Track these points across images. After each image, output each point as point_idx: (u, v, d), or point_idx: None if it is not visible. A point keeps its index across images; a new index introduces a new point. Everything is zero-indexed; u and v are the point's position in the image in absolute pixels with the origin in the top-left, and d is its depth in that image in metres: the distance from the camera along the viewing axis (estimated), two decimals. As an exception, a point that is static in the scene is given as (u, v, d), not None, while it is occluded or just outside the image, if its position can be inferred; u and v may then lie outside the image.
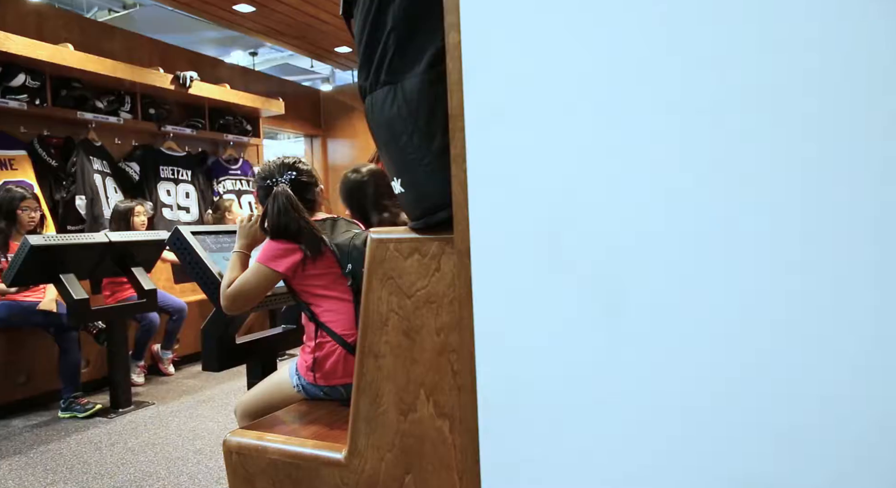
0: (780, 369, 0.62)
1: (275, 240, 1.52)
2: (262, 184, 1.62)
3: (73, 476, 2.27)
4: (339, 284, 1.54)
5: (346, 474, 1.09)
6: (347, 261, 1.52)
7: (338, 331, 1.50)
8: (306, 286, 1.55)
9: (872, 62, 0.57)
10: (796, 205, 0.60)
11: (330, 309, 1.53)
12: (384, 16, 0.93)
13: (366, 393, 1.06)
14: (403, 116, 0.92)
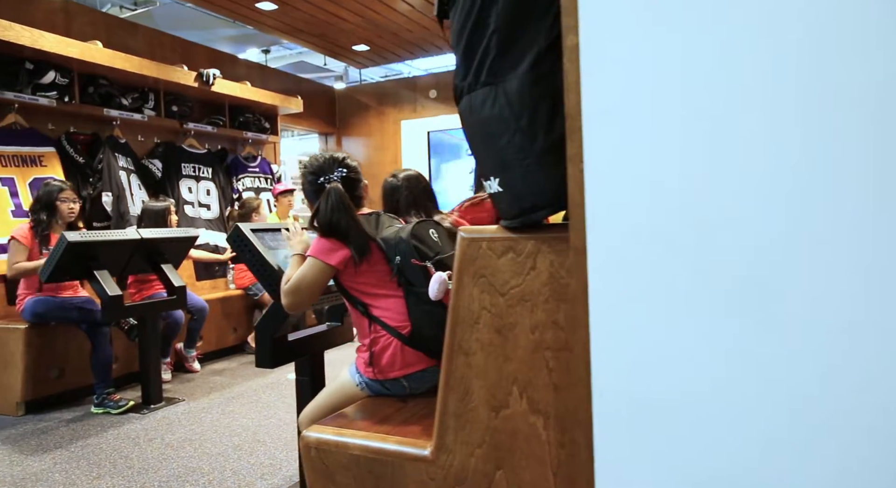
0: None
1: (324, 237, 1.54)
2: (312, 180, 1.63)
3: (118, 470, 2.29)
4: (388, 280, 1.55)
5: (432, 469, 1.10)
6: (395, 255, 1.52)
7: (391, 324, 1.51)
8: (357, 284, 1.57)
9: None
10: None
11: (382, 305, 1.55)
12: (486, 17, 0.94)
13: (454, 389, 1.07)
14: (505, 117, 0.94)
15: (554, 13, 0.91)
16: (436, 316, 1.45)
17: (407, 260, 1.49)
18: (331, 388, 1.60)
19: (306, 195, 1.66)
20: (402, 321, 1.51)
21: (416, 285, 1.49)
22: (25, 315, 3.01)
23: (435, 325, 1.45)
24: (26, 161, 3.50)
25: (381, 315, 1.52)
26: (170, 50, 4.75)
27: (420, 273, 1.48)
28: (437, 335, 1.46)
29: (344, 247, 1.51)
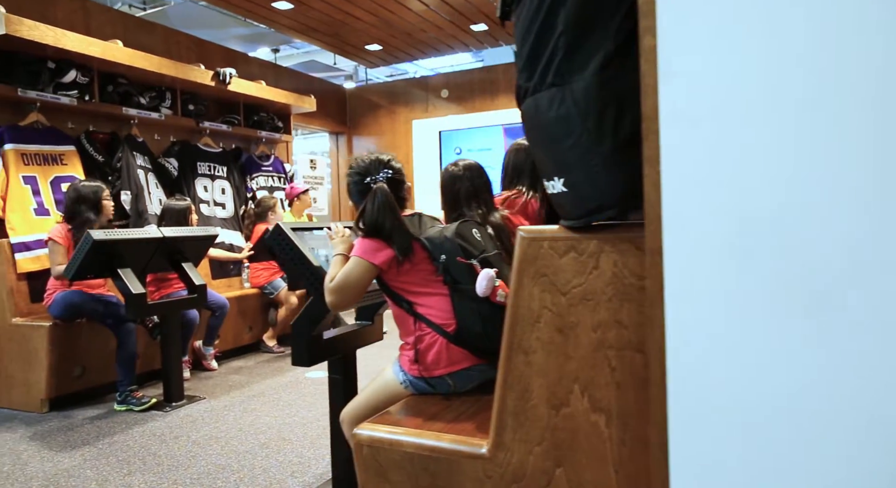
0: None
1: (368, 237, 1.55)
2: (358, 180, 1.64)
3: (148, 467, 2.30)
4: (433, 279, 1.57)
5: (490, 467, 1.11)
6: (441, 253, 1.54)
7: (436, 321, 1.53)
8: (401, 282, 1.58)
9: None
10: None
11: (427, 303, 1.56)
12: (553, 19, 0.95)
13: (513, 388, 1.08)
14: (571, 118, 0.94)
15: (621, 16, 0.92)
16: (482, 313, 1.47)
17: (452, 258, 1.50)
18: (374, 386, 1.61)
19: (351, 196, 1.67)
20: (448, 319, 1.52)
21: (461, 283, 1.51)
22: (54, 309, 3.03)
23: (481, 322, 1.47)
24: (48, 159, 3.51)
25: (426, 313, 1.54)
26: (185, 48, 4.77)
27: (466, 271, 1.50)
28: (483, 332, 1.48)
29: (387, 247, 1.52)
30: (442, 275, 1.53)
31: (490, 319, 1.47)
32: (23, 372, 3.09)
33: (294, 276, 1.68)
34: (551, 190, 1.03)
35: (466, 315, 1.49)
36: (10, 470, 2.31)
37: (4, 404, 3.15)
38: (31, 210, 3.36)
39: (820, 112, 0.72)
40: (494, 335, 1.47)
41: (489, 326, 1.46)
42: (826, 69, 0.72)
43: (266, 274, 4.46)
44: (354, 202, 1.66)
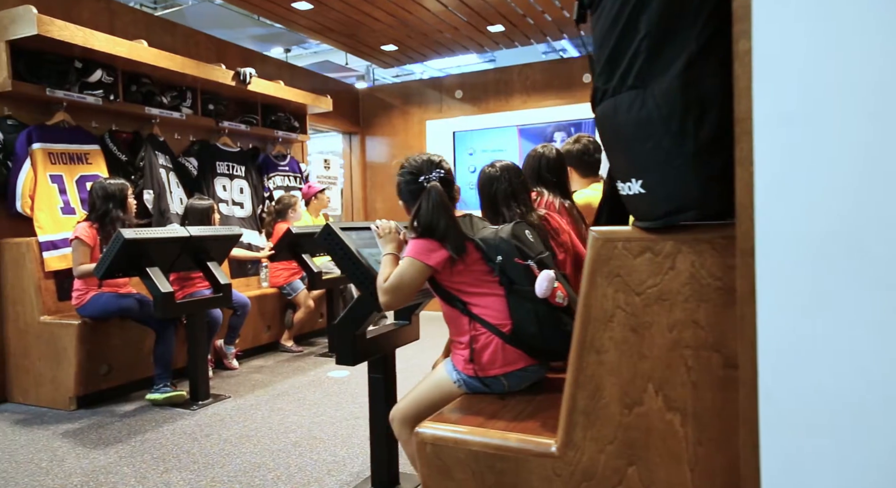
0: None
1: (422, 238, 1.56)
2: (410, 180, 1.65)
3: (183, 464, 2.31)
4: (488, 279, 1.57)
5: (559, 465, 1.12)
6: (497, 254, 1.54)
7: (492, 322, 1.53)
8: (454, 283, 1.59)
9: None
10: None
11: (481, 303, 1.56)
12: (636, 22, 0.96)
13: (584, 387, 1.09)
14: (653, 119, 0.96)
15: (703, 19, 0.93)
16: (538, 314, 1.48)
17: (509, 259, 1.51)
18: (427, 385, 1.61)
19: (402, 196, 1.68)
20: (503, 319, 1.53)
21: (518, 284, 1.51)
22: (89, 309, 3.06)
23: (537, 323, 1.48)
24: (73, 158, 3.53)
25: (481, 313, 1.54)
26: (204, 48, 4.78)
27: (523, 272, 1.50)
28: (539, 332, 1.48)
29: (442, 248, 1.53)
30: (498, 276, 1.53)
31: (546, 320, 1.48)
32: (51, 370, 3.11)
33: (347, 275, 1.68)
34: (626, 191, 1.04)
35: (523, 316, 1.50)
36: (47, 466, 2.32)
37: (32, 401, 3.16)
38: (58, 209, 3.38)
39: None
40: (550, 336, 1.49)
41: (545, 327, 1.48)
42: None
43: (286, 274, 4.48)
44: (405, 202, 1.67)
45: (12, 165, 3.25)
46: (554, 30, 5.60)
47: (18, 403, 3.20)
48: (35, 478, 2.21)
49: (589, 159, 2.37)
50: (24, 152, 3.27)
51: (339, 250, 1.65)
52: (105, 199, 3.10)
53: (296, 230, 4.05)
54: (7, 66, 3.14)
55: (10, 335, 3.24)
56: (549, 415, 1.33)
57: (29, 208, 3.27)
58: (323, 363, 4.05)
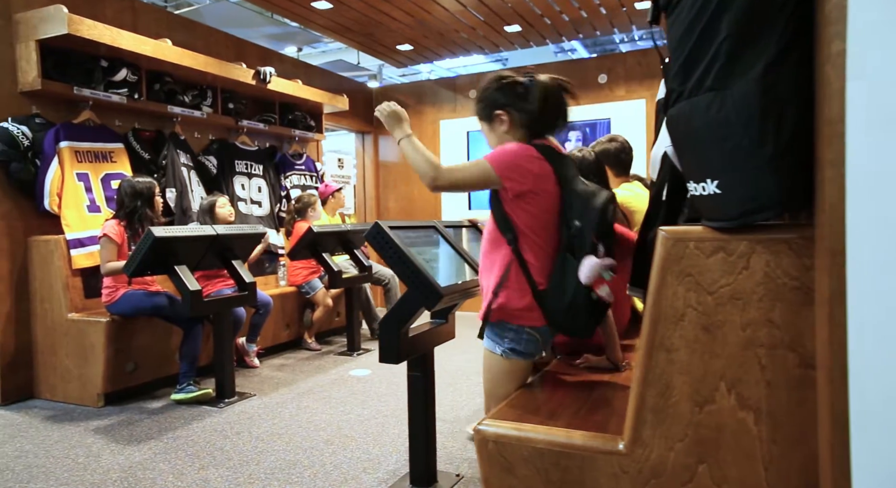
0: None
1: (531, 147, 1.49)
2: (509, 82, 1.57)
3: (218, 461, 2.33)
4: (547, 231, 1.50)
5: (626, 462, 1.14)
6: (577, 218, 1.45)
7: (535, 276, 1.48)
8: (517, 214, 1.50)
9: None
10: None
11: (534, 251, 1.49)
12: (717, 24, 0.97)
13: (653, 385, 1.10)
14: (732, 121, 0.96)
15: (784, 21, 0.94)
16: (576, 295, 1.41)
17: (587, 230, 1.43)
18: (486, 378, 1.60)
19: (485, 108, 1.59)
20: (542, 277, 1.48)
21: (578, 256, 1.44)
22: (120, 307, 3.08)
23: (571, 301, 1.42)
24: (99, 157, 3.54)
25: (527, 258, 1.48)
26: (224, 47, 4.80)
27: (588, 248, 1.43)
28: (568, 312, 1.44)
29: (529, 177, 1.45)
30: (564, 237, 1.46)
31: (580, 304, 1.42)
32: (78, 367, 3.13)
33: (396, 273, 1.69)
34: (698, 192, 1.05)
35: (561, 287, 1.44)
36: (84, 461, 2.34)
37: (60, 398, 3.18)
38: (84, 207, 3.40)
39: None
40: (574, 323, 1.45)
41: (577, 310, 1.42)
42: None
43: (305, 272, 4.49)
44: (486, 117, 1.59)
45: (40, 163, 3.27)
46: (570, 30, 5.60)
47: (46, 399, 3.22)
48: (74, 474, 2.22)
49: (625, 158, 2.38)
50: (52, 150, 3.29)
51: (389, 248, 1.66)
52: (133, 197, 3.12)
53: (317, 229, 4.06)
54: (37, 65, 3.15)
55: (38, 332, 3.25)
56: (607, 413, 1.34)
57: (56, 206, 3.29)
58: (343, 362, 4.06)
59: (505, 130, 1.58)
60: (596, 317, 1.48)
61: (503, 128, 1.58)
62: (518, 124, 1.57)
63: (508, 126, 1.57)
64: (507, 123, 1.57)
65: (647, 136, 5.54)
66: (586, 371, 1.74)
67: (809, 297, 0.98)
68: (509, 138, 1.58)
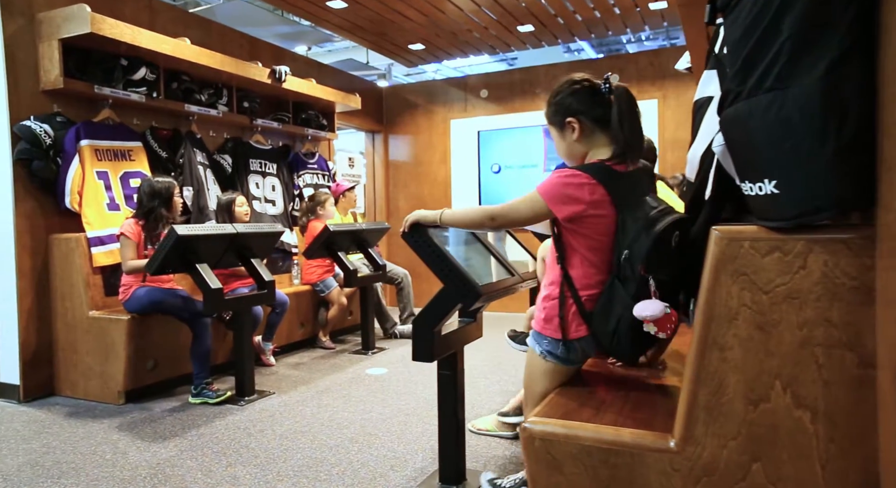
0: None
1: (582, 173, 1.44)
2: (587, 88, 1.52)
3: (245, 459, 2.34)
4: (603, 253, 1.47)
5: (677, 460, 1.14)
6: (626, 246, 1.40)
7: (582, 295, 1.47)
8: (572, 237, 1.49)
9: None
10: None
11: (584, 272, 1.48)
12: (779, 24, 0.97)
13: (706, 383, 1.11)
14: (793, 121, 0.97)
15: (847, 22, 0.94)
16: (621, 320, 1.39)
17: (635, 260, 1.38)
18: (525, 373, 1.60)
19: (555, 116, 1.55)
20: (590, 299, 1.47)
21: (625, 282, 1.41)
22: (134, 304, 3.08)
23: (616, 325, 1.40)
24: (118, 155, 3.56)
25: (575, 276, 1.48)
26: (238, 46, 4.81)
27: (637, 277, 1.38)
28: (613, 335, 1.42)
29: (579, 202, 1.41)
30: (615, 263, 1.43)
31: (624, 329, 1.39)
32: (100, 365, 3.14)
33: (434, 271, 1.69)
34: (754, 192, 1.05)
35: (607, 310, 1.42)
36: (112, 458, 2.35)
37: (81, 395, 3.20)
38: (104, 205, 3.41)
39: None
40: (618, 348, 1.44)
41: (620, 335, 1.40)
42: None
43: (319, 271, 4.50)
44: (557, 122, 1.55)
45: (62, 162, 3.28)
46: (583, 30, 5.61)
47: (66, 396, 3.23)
48: (104, 470, 2.23)
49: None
50: (73, 149, 3.30)
51: (427, 247, 1.67)
52: (152, 197, 3.13)
53: (333, 228, 4.07)
54: (59, 64, 3.17)
55: (59, 329, 3.27)
56: (650, 411, 1.34)
57: (77, 204, 3.30)
58: (359, 360, 4.07)
59: (575, 139, 1.54)
60: (641, 347, 1.46)
61: (573, 137, 1.54)
62: (590, 133, 1.53)
63: (579, 135, 1.53)
64: (578, 132, 1.53)
65: (661, 136, 5.54)
66: (620, 369, 1.75)
67: (869, 297, 0.98)
68: (579, 147, 1.55)
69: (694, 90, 5.45)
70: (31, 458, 2.36)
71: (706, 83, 1.57)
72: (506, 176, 6.31)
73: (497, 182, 6.34)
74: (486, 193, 6.39)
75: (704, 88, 1.58)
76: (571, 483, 1.25)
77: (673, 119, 5.53)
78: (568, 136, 1.55)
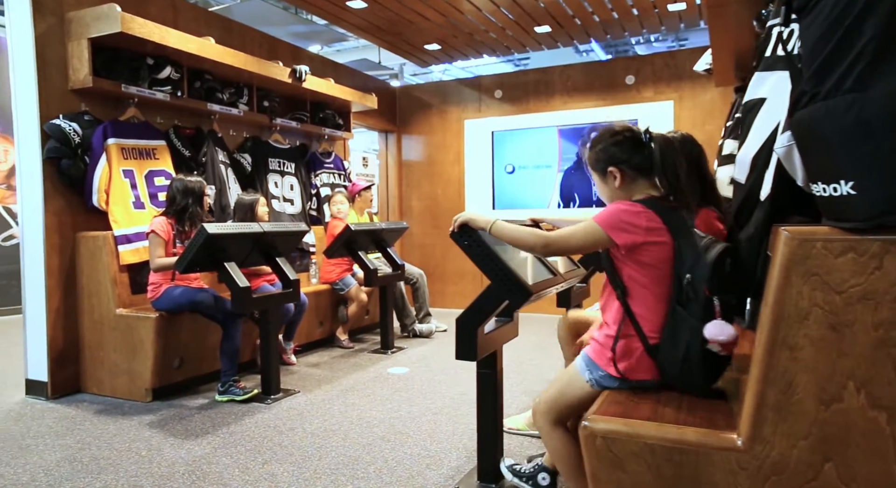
0: None
1: (636, 203, 1.51)
2: (629, 137, 1.58)
3: (280, 457, 2.35)
4: (662, 283, 1.49)
5: (744, 459, 1.15)
6: (687, 271, 1.44)
7: (646, 330, 1.49)
8: (629, 268, 1.52)
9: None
10: None
11: (645, 304, 1.50)
12: (861, 26, 0.98)
13: (775, 383, 1.12)
14: (873, 123, 0.98)
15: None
16: (690, 347, 1.39)
17: (698, 283, 1.40)
18: (563, 381, 1.61)
19: (598, 162, 1.61)
20: (656, 331, 1.48)
21: (690, 308, 1.41)
22: (167, 303, 3.10)
23: (685, 352, 1.40)
24: (143, 154, 3.57)
25: (638, 311, 1.50)
26: (257, 45, 4.82)
27: (702, 300, 1.39)
28: (683, 363, 1.41)
29: (638, 230, 1.46)
30: (675, 289, 1.45)
31: (695, 357, 1.39)
32: (127, 362, 3.15)
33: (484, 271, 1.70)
34: (828, 193, 1.06)
35: (675, 340, 1.42)
36: (147, 454, 2.36)
37: (107, 392, 3.21)
38: (130, 203, 3.43)
39: None
40: (689, 379, 1.43)
41: (692, 363, 1.40)
42: None
43: (338, 270, 4.52)
44: (599, 170, 1.61)
45: (89, 160, 3.29)
46: (599, 31, 5.62)
47: (93, 394, 3.25)
48: (141, 467, 2.25)
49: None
50: (101, 147, 3.31)
51: (478, 248, 1.67)
52: (185, 195, 3.15)
53: (354, 227, 4.08)
54: (88, 63, 3.18)
55: (86, 327, 3.28)
56: (709, 409, 1.35)
57: (104, 202, 3.31)
58: (379, 359, 4.08)
59: (617, 186, 1.60)
60: (714, 373, 1.45)
61: (615, 184, 1.60)
62: (630, 181, 1.59)
63: (620, 182, 1.59)
64: (619, 180, 1.59)
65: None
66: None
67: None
68: (621, 193, 1.60)
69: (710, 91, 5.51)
70: (69, 454, 2.37)
71: (758, 85, 1.58)
72: (520, 176, 6.31)
73: (511, 182, 6.34)
74: (500, 193, 6.40)
75: (756, 90, 1.59)
76: (634, 480, 1.25)
77: (689, 120, 5.53)
78: (610, 183, 1.62)
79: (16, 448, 2.45)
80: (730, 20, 2.83)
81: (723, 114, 5.55)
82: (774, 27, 1.53)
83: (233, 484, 2.10)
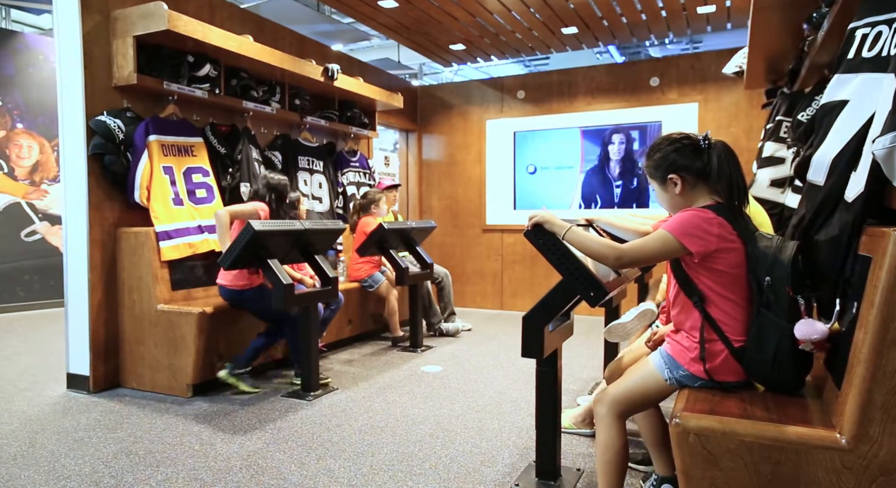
0: None
1: (706, 210, 1.52)
2: (686, 145, 1.60)
3: (332, 453, 2.36)
4: (738, 287, 1.50)
5: (849, 458, 1.16)
6: (766, 274, 1.44)
7: (729, 334, 1.49)
8: (703, 276, 1.52)
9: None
10: None
11: (724, 309, 1.51)
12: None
13: (883, 383, 1.12)
14: None
15: None
16: (779, 347, 1.40)
17: (780, 285, 1.42)
18: (639, 377, 1.60)
19: (657, 170, 1.62)
20: (740, 335, 1.49)
21: (775, 310, 1.42)
22: (253, 294, 3.24)
23: (773, 355, 1.40)
24: (181, 150, 3.59)
25: (721, 320, 1.50)
26: (288, 43, 4.84)
27: (786, 300, 1.41)
28: (773, 365, 1.42)
29: (711, 238, 1.47)
30: (755, 291, 1.46)
31: (785, 355, 1.40)
32: (167, 358, 3.17)
33: (558, 269, 1.71)
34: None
35: (763, 342, 1.43)
36: (200, 449, 2.38)
37: (147, 387, 3.23)
38: (170, 200, 3.44)
39: None
40: (781, 378, 1.43)
41: (782, 362, 1.40)
42: None
43: (367, 267, 4.53)
44: (658, 178, 1.63)
45: (132, 156, 3.32)
46: (625, 32, 5.62)
47: (133, 389, 3.27)
48: (198, 460, 2.26)
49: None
50: (143, 144, 3.33)
51: (554, 247, 1.68)
52: (272, 190, 3.35)
53: (387, 226, 4.10)
54: (133, 61, 3.20)
55: (126, 322, 3.30)
56: (799, 407, 1.36)
57: (146, 199, 3.33)
58: (410, 358, 4.09)
59: (678, 192, 1.61)
60: (804, 370, 1.45)
61: (676, 191, 1.61)
62: (690, 187, 1.60)
63: (681, 189, 1.60)
64: (680, 186, 1.60)
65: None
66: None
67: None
68: (681, 200, 1.61)
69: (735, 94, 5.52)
70: (123, 447, 2.39)
71: (838, 87, 1.59)
72: (542, 177, 6.32)
73: (533, 183, 6.35)
74: (522, 194, 6.40)
75: (836, 92, 1.59)
76: (729, 477, 1.26)
77: (713, 122, 5.53)
78: (670, 190, 1.63)
79: (71, 440, 2.47)
80: (774, 23, 2.83)
81: (748, 116, 5.55)
82: (858, 30, 1.54)
83: (292, 478, 2.12)
